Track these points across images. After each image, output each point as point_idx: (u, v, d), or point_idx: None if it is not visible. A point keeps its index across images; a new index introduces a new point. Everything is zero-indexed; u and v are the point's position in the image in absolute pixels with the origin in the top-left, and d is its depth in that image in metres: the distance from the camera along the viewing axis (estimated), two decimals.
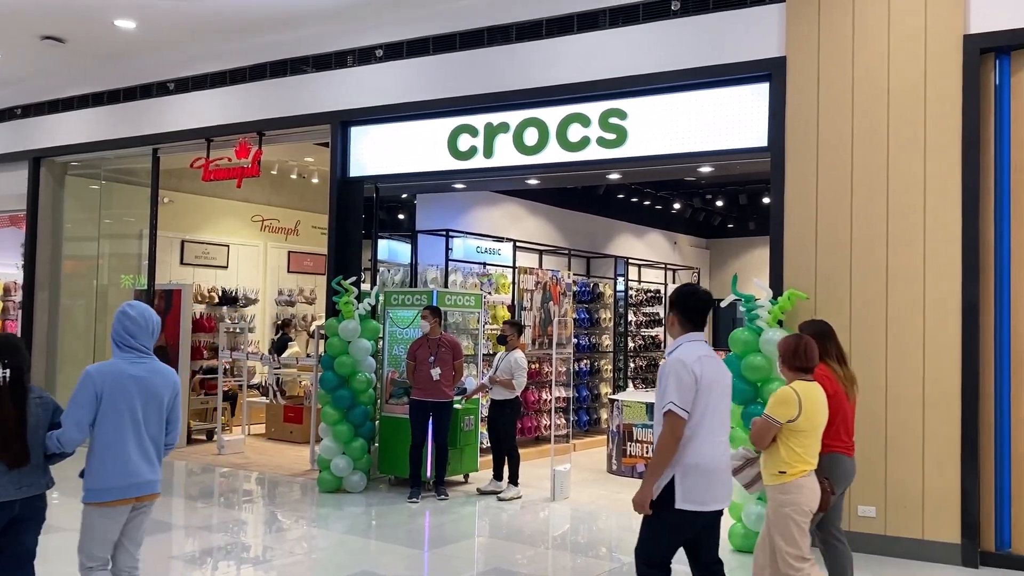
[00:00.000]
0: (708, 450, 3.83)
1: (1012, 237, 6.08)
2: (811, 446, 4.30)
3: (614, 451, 9.46)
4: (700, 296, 4.06)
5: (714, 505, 3.87)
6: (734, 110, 7.04)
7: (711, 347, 4.06)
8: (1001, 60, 6.13)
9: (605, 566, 6.15)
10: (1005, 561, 5.95)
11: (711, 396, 3.84)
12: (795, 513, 4.25)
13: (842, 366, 4.83)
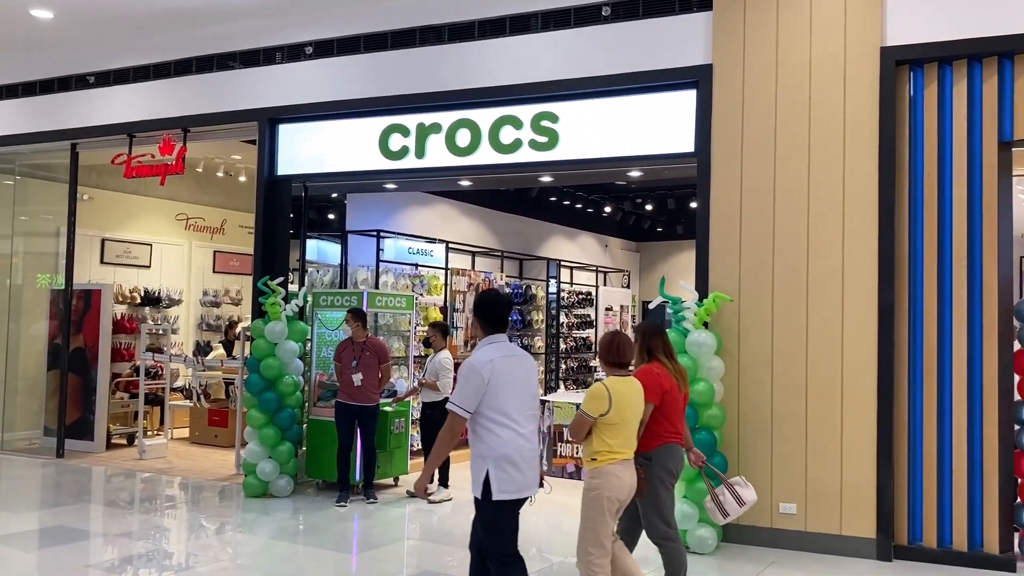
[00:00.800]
0: (515, 441, 4.07)
1: (925, 242, 6.32)
2: (623, 437, 4.50)
3: (544, 452, 9.51)
4: (499, 301, 4.29)
5: (527, 492, 4.14)
6: (663, 116, 7.16)
7: (515, 346, 4.35)
8: (915, 72, 6.38)
9: (535, 566, 6.16)
10: (917, 554, 6.18)
11: (508, 392, 4.09)
12: (603, 499, 4.44)
13: (672, 362, 5.04)
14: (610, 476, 4.44)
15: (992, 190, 6.18)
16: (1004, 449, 6.10)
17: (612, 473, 4.44)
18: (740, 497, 5.21)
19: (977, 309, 6.18)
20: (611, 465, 4.44)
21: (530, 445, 4.16)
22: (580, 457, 9.16)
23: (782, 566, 6.04)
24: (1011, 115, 6.12)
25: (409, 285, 10.50)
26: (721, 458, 6.39)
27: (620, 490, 4.46)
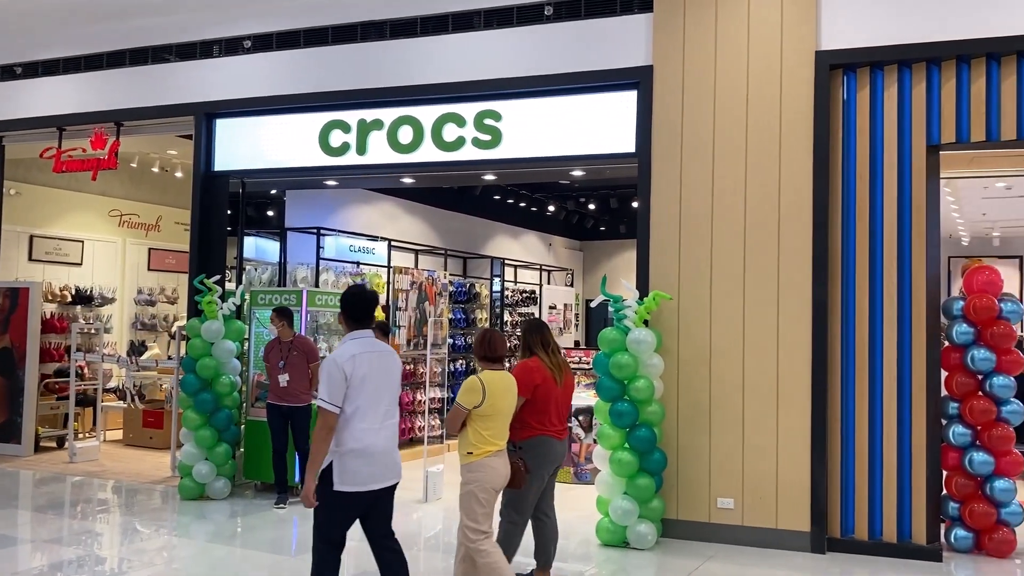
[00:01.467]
0: (365, 437, 4.16)
1: (857, 243, 6.49)
2: (497, 429, 4.69)
3: None
4: (364, 296, 4.37)
5: (373, 485, 4.20)
6: (604, 116, 7.22)
7: (379, 341, 4.43)
8: (848, 76, 6.54)
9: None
10: (849, 546, 6.34)
11: (365, 389, 4.18)
12: (478, 490, 4.63)
13: (551, 356, 5.17)
14: (487, 469, 4.64)
15: (921, 192, 6.37)
16: (931, 443, 6.30)
17: (488, 466, 4.65)
18: None
19: (907, 307, 6.37)
20: (487, 458, 4.64)
21: (387, 440, 4.27)
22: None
23: (719, 560, 6.14)
24: (939, 119, 6.32)
25: (350, 283, 10.38)
26: (661, 454, 6.47)
27: (495, 481, 4.67)
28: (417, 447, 9.73)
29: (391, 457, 4.29)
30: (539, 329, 5.28)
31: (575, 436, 9.00)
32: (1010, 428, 6.39)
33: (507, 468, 4.72)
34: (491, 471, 4.64)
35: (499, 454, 4.68)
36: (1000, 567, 6.14)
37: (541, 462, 5.04)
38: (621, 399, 6.44)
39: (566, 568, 6.09)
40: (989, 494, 6.36)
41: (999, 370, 6.42)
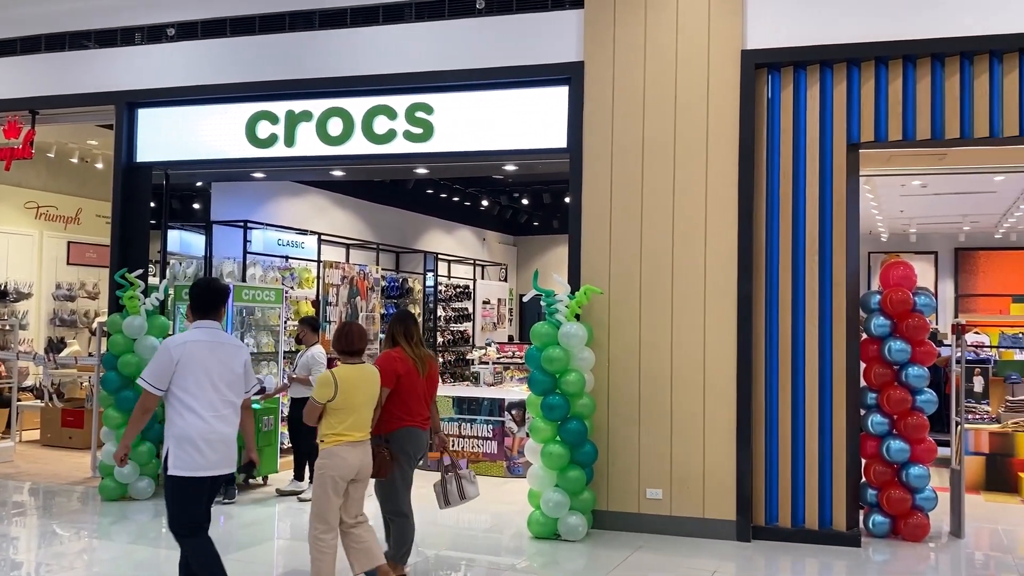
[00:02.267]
0: (198, 424, 4.27)
1: (780, 238, 6.65)
2: (352, 421, 4.81)
3: None
4: (209, 288, 4.53)
5: (205, 472, 4.31)
6: (537, 111, 7.24)
7: (226, 333, 4.56)
8: (773, 75, 6.70)
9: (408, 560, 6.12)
10: (773, 534, 6.52)
11: (198, 377, 4.29)
12: (326, 478, 4.76)
13: (414, 347, 5.29)
14: (335, 457, 4.77)
15: (841, 189, 6.56)
16: (851, 433, 6.51)
17: (337, 454, 4.77)
18: (464, 491, 5.53)
19: (828, 301, 6.56)
20: (337, 447, 4.77)
21: (220, 429, 4.34)
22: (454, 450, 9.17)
23: (648, 550, 6.24)
24: (859, 118, 6.52)
25: (279, 278, 10.20)
26: (592, 446, 6.54)
27: (345, 470, 4.78)
28: None
29: (225, 447, 4.38)
30: (403, 321, 5.38)
31: (508, 430, 9.03)
32: (924, 417, 6.65)
33: (362, 460, 4.84)
34: (340, 460, 4.77)
35: (353, 445, 4.81)
36: (914, 550, 6.38)
37: (412, 453, 5.19)
38: (553, 393, 6.48)
39: (498, 561, 6.11)
40: (905, 481, 6.61)
41: (914, 361, 6.66)
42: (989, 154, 7.42)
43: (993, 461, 8.65)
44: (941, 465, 8.38)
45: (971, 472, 8.60)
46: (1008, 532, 7.02)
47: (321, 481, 4.80)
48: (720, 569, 5.81)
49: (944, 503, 6.87)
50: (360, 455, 4.85)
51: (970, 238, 15.38)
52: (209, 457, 4.30)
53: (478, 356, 12.02)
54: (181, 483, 4.28)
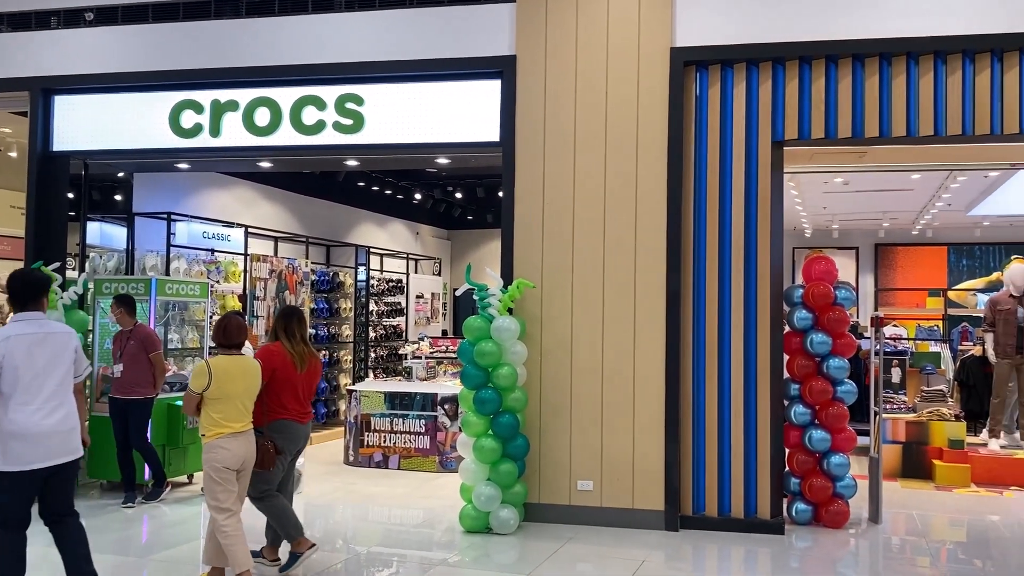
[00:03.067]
0: (24, 418, 4.27)
1: (707, 234, 6.78)
2: (229, 412, 4.98)
3: (351, 442, 9.36)
4: (28, 278, 4.54)
5: (36, 464, 4.30)
6: (469, 104, 7.20)
7: (52, 322, 4.56)
8: (701, 73, 6.81)
9: (339, 557, 6.06)
10: (700, 523, 6.64)
11: (25, 369, 4.29)
12: (211, 470, 4.96)
13: (294, 344, 5.47)
14: (218, 450, 4.94)
15: (766, 186, 6.71)
16: (775, 423, 6.67)
17: (219, 446, 4.94)
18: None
19: (753, 295, 6.71)
20: (218, 439, 4.94)
21: (52, 422, 4.34)
22: (386, 446, 9.11)
23: (579, 541, 6.29)
24: (783, 117, 6.67)
25: (204, 272, 9.94)
26: (524, 440, 6.56)
27: (229, 461, 4.95)
28: None
29: (60, 437, 4.37)
30: (286, 317, 5.57)
31: (441, 425, 9.00)
32: (844, 407, 6.86)
33: (246, 450, 5.02)
34: (223, 451, 4.93)
35: (234, 436, 4.96)
36: (835, 537, 6.59)
37: (284, 444, 5.37)
38: (485, 387, 6.48)
39: (431, 556, 6.08)
40: (826, 469, 6.81)
41: (835, 353, 6.87)
42: (906, 153, 7.67)
43: (909, 449, 8.99)
44: (861, 454, 8.68)
45: (889, 460, 8.92)
46: (923, 517, 7.31)
47: (208, 475, 4.97)
48: (649, 558, 5.90)
49: (864, 490, 7.10)
50: (244, 445, 5.01)
51: (889, 234, 15.92)
52: (39, 451, 4.29)
53: (411, 351, 11.94)
54: (9, 478, 4.26)
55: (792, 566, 6.04)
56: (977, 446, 9.21)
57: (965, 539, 6.84)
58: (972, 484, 8.52)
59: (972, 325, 14.08)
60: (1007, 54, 6.33)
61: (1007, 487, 8.47)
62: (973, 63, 6.38)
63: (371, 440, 9.20)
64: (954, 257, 16.07)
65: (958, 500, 7.97)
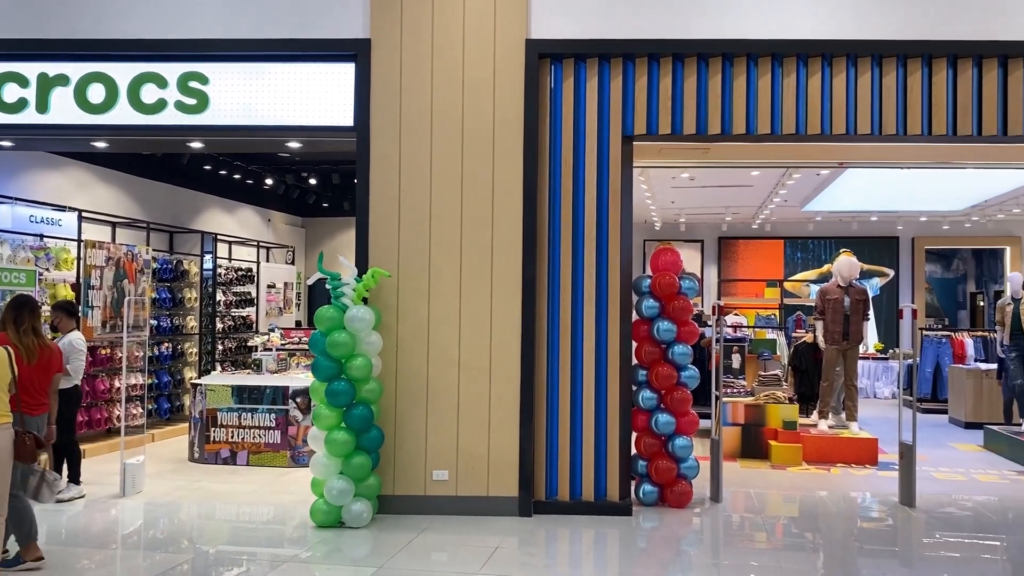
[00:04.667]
0: None
1: (562, 224, 6.89)
2: None
3: (196, 438, 8.94)
4: None
5: None
6: (322, 87, 7.00)
7: None
8: (555, 66, 6.90)
9: (185, 558, 5.78)
10: (552, 507, 6.78)
11: None
12: None
13: (23, 335, 5.43)
14: None
15: (617, 179, 6.90)
16: (624, 408, 6.89)
17: None
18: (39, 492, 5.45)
19: (604, 285, 6.89)
20: None
21: None
22: (234, 442, 8.76)
23: (434, 531, 6.28)
24: (633, 112, 6.87)
25: (31, 259, 9.20)
26: (378, 431, 6.47)
27: None
28: (116, 438, 8.92)
29: None
30: (15, 308, 5.47)
31: (292, 419, 8.75)
32: (688, 391, 7.17)
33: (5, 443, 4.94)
34: None
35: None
36: (679, 516, 6.88)
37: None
38: (338, 378, 6.33)
39: (281, 553, 5.89)
40: (671, 451, 7.10)
41: (679, 340, 7.16)
42: (747, 150, 8.08)
43: (748, 431, 9.52)
44: (703, 436, 9.12)
45: (729, 441, 9.42)
46: (759, 495, 7.75)
47: None
48: (503, 544, 5.96)
49: (706, 471, 7.46)
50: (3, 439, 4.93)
51: (731, 228, 16.78)
52: None
53: (261, 343, 11.53)
54: None
55: (639, 546, 6.26)
56: (808, 427, 9.87)
57: (798, 514, 7.31)
58: (804, 462, 9.13)
59: (805, 314, 15.07)
60: (836, 59, 6.77)
61: (834, 464, 9.12)
62: (806, 67, 6.79)
63: (218, 436, 8.82)
64: (790, 250, 17.13)
65: (791, 478, 8.51)
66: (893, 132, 6.75)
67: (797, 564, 5.68)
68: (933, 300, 18.92)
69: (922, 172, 10.23)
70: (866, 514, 7.23)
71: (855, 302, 9.91)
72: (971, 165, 8.50)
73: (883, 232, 16.50)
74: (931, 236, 16.46)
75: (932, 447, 10.21)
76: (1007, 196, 12.86)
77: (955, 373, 12.71)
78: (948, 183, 11.76)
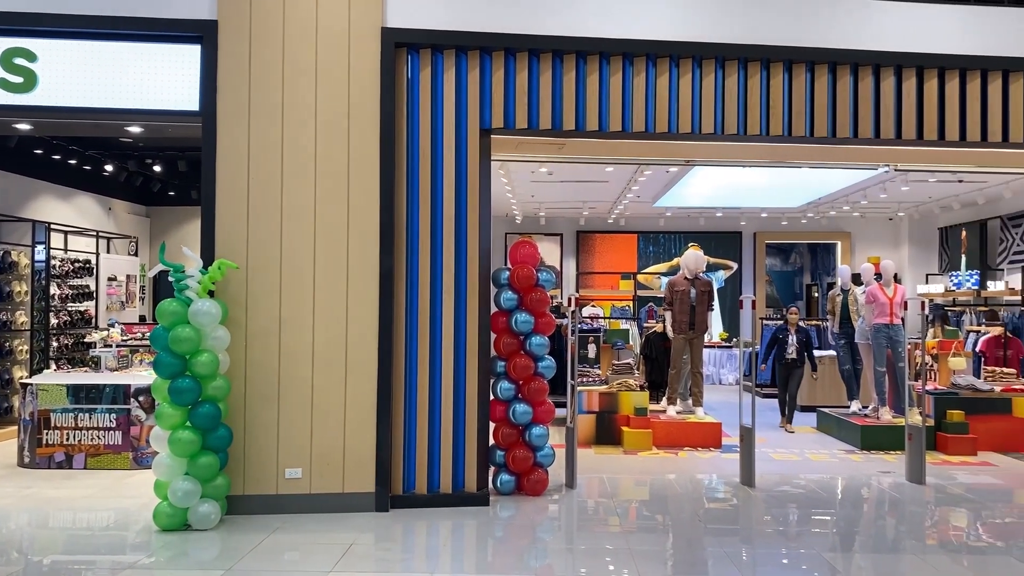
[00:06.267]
0: None
1: (420, 216, 6.85)
2: None
3: (27, 442, 8.31)
4: None
5: None
6: (166, 69, 6.64)
7: None
8: (412, 56, 6.83)
9: (12, 570, 5.35)
10: (410, 501, 6.73)
11: None
12: None
13: None
14: None
15: (475, 172, 6.92)
16: (482, 400, 6.93)
17: None
18: None
19: (463, 277, 6.90)
20: None
21: None
22: (70, 444, 8.22)
23: (285, 531, 6.10)
24: (490, 105, 6.90)
25: None
26: (227, 430, 6.22)
27: None
28: None
29: None
30: None
31: (135, 418, 8.28)
32: (545, 381, 7.30)
33: None
34: None
35: None
36: (535, 503, 7.00)
37: None
38: (182, 375, 6.04)
39: (122, 560, 5.56)
40: (528, 440, 7.22)
41: (537, 331, 7.28)
42: (600, 146, 8.30)
43: (602, 418, 9.80)
44: (560, 424, 9.32)
45: (584, 429, 9.68)
46: (612, 480, 8.00)
47: None
48: (358, 541, 5.87)
49: (561, 458, 7.62)
50: None
51: (589, 222, 17.22)
52: None
53: (100, 339, 10.84)
54: None
55: (496, 535, 6.32)
56: (658, 413, 10.27)
57: (648, 497, 7.58)
58: (654, 447, 9.50)
59: (656, 305, 15.67)
60: (682, 60, 7.05)
61: (682, 448, 9.54)
62: (655, 67, 7.04)
63: (51, 438, 8.23)
64: (643, 243, 17.75)
65: (642, 462, 8.83)
66: (735, 132, 7.10)
67: (647, 545, 5.90)
68: (773, 291, 20.15)
69: (763, 171, 10.85)
70: (711, 495, 7.60)
71: (700, 293, 10.38)
72: (806, 164, 9.08)
73: (728, 227, 17.38)
74: (771, 231, 17.49)
75: (771, 430, 10.87)
76: (839, 194, 13.84)
77: None
78: (786, 182, 12.53)
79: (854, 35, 7.16)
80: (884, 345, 10.21)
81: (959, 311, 14.66)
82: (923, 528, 6.55)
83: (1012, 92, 7.37)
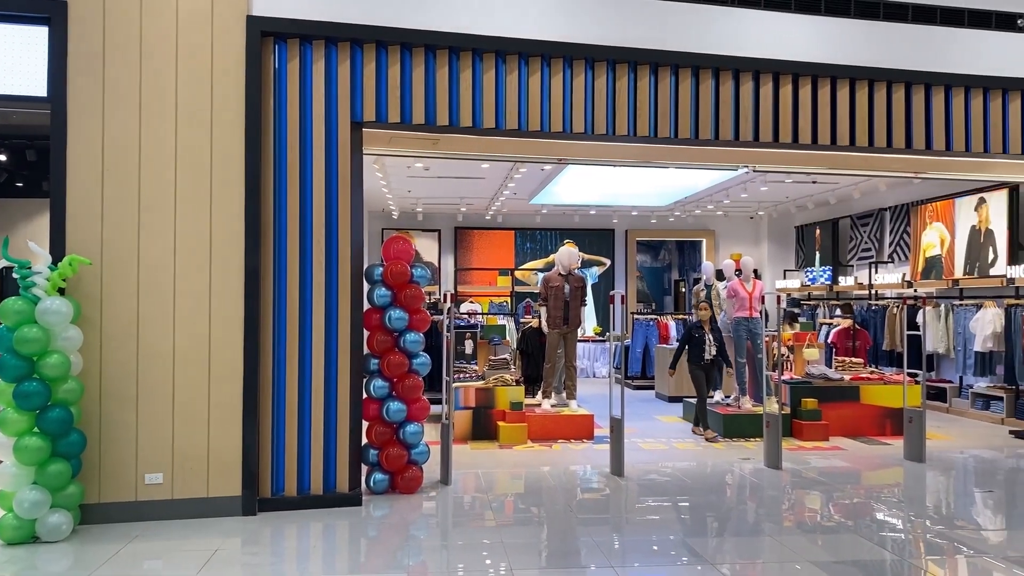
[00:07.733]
0: None
1: (288, 210, 6.67)
2: None
3: None
4: None
5: None
6: (11, 51, 6.19)
7: None
8: (280, 46, 6.64)
9: None
10: (279, 504, 6.56)
11: None
12: None
13: None
14: None
15: (346, 166, 6.79)
16: (354, 398, 6.82)
17: None
18: None
19: (334, 274, 6.77)
20: None
21: None
22: None
23: (145, 539, 5.82)
24: (361, 99, 6.80)
25: None
26: (79, 435, 5.87)
27: None
28: None
29: None
30: None
31: None
32: (420, 378, 7.26)
33: None
34: None
35: None
36: (409, 502, 6.96)
37: None
38: (29, 378, 5.66)
39: None
40: (402, 438, 7.16)
41: (411, 328, 7.23)
42: (475, 143, 8.31)
43: (478, 413, 9.85)
44: (436, 421, 9.30)
45: (461, 425, 9.70)
46: (487, 475, 8.05)
47: None
48: (223, 546, 5.67)
49: (437, 455, 7.60)
50: None
51: (467, 218, 17.25)
52: None
53: None
54: None
55: (369, 535, 6.25)
56: (533, 407, 10.41)
57: (523, 490, 7.67)
58: (529, 441, 9.62)
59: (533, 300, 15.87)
60: (553, 60, 7.16)
61: (556, 440, 9.71)
62: (528, 65, 7.11)
63: None
64: (520, 240, 17.93)
65: (517, 456, 8.93)
66: (604, 132, 7.27)
67: (521, 538, 5.97)
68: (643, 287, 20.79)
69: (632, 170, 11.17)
70: (583, 485, 7.77)
71: (574, 289, 10.60)
72: (672, 165, 9.40)
73: (601, 225, 17.81)
74: (641, 229, 18.04)
75: (640, 420, 11.22)
76: (703, 194, 14.42)
77: (660, 352, 14.06)
78: (654, 181, 12.95)
79: (716, 42, 7.47)
80: (744, 337, 10.71)
81: (814, 304, 15.57)
82: (780, 511, 6.91)
83: (858, 98, 7.88)
